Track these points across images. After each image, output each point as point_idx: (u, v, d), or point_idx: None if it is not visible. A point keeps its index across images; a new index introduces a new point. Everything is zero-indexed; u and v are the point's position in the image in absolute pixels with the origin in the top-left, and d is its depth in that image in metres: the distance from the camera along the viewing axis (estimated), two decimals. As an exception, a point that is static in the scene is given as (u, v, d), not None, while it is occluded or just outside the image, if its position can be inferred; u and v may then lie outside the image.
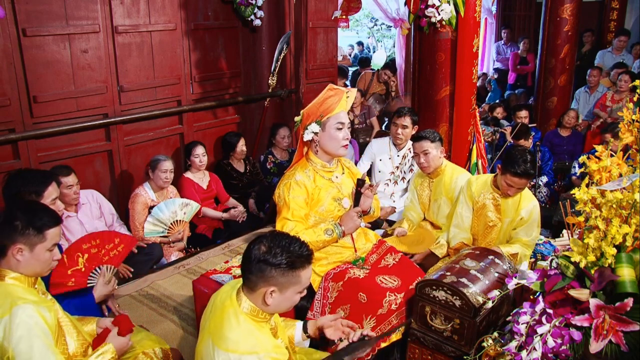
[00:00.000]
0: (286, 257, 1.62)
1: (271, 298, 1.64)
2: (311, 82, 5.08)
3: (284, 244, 1.64)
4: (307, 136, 2.37)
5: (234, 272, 2.58)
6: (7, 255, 1.77)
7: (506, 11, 9.79)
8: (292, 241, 1.67)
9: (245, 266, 1.66)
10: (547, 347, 1.68)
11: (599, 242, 1.64)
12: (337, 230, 2.39)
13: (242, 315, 1.65)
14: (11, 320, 1.66)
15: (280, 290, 1.65)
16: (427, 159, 3.14)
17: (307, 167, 2.43)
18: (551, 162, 4.99)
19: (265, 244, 1.65)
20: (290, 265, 1.62)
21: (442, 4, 3.49)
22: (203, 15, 4.38)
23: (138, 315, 2.95)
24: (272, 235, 1.69)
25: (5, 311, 1.68)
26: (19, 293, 1.76)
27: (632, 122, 1.92)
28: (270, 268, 1.61)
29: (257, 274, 1.63)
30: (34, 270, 1.82)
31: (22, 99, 3.39)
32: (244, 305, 1.67)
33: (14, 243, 1.76)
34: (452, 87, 3.75)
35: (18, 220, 1.77)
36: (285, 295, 1.66)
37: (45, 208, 1.93)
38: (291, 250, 1.64)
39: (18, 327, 1.66)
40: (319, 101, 2.34)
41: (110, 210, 3.59)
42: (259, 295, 1.65)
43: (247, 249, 1.68)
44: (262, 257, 1.62)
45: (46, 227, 1.81)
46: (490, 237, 2.93)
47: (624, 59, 6.70)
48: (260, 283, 1.63)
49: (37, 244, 1.79)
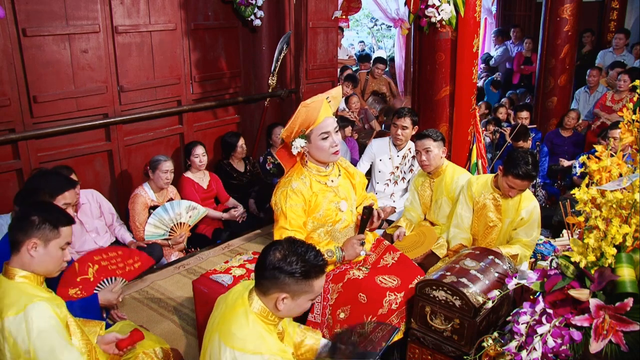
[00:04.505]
0: (301, 265, 1.62)
1: (283, 304, 1.66)
2: (311, 82, 5.08)
3: (300, 252, 1.65)
4: (295, 150, 2.33)
5: (233, 272, 2.58)
6: (21, 251, 1.81)
7: (506, 11, 9.79)
8: (307, 249, 1.67)
9: (259, 271, 1.67)
10: (547, 347, 1.68)
11: (599, 242, 1.65)
12: (338, 254, 2.38)
13: (252, 315, 1.67)
14: (27, 317, 1.69)
15: (293, 297, 1.66)
16: (429, 157, 3.14)
17: (302, 173, 2.39)
18: (547, 162, 4.98)
19: (281, 250, 1.65)
20: (304, 274, 1.63)
21: (442, 4, 3.49)
22: (203, 15, 4.39)
23: (138, 315, 2.95)
24: (288, 242, 1.69)
25: (20, 308, 1.71)
26: (31, 291, 1.79)
27: (632, 122, 1.91)
28: (284, 276, 1.62)
29: (270, 279, 1.64)
30: (45, 267, 1.86)
31: (22, 99, 3.39)
32: (255, 305, 1.68)
33: (30, 238, 1.80)
34: (452, 87, 3.75)
35: (34, 215, 1.83)
36: (297, 302, 1.68)
37: (60, 208, 2.02)
38: (306, 259, 1.64)
39: (36, 323, 1.69)
40: (294, 122, 2.27)
41: (110, 209, 3.59)
42: (271, 299, 1.67)
43: (263, 254, 1.68)
44: (277, 264, 1.62)
45: (61, 224, 1.87)
46: (491, 237, 2.93)
47: (625, 59, 6.69)
48: (273, 289, 1.65)
49: (51, 239, 1.84)
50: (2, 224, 2.90)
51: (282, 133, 2.35)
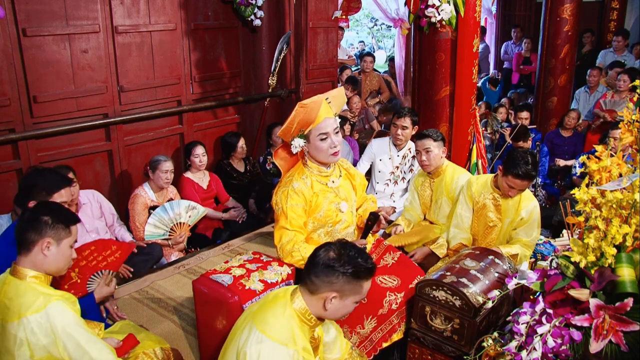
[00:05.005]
0: (353, 265, 1.68)
1: (331, 303, 1.70)
2: (311, 82, 5.08)
3: (352, 254, 1.71)
4: (294, 149, 2.33)
5: (233, 272, 2.57)
6: (33, 251, 1.84)
7: (506, 11, 9.79)
8: (359, 252, 1.73)
9: (311, 269, 1.72)
10: (547, 347, 1.68)
11: (599, 242, 1.64)
12: None
13: (290, 309, 1.71)
14: (49, 315, 1.74)
15: (341, 297, 1.71)
16: (429, 157, 3.14)
17: (304, 173, 2.38)
18: (547, 162, 4.98)
19: (335, 250, 1.71)
20: (356, 274, 1.69)
21: (442, 4, 3.49)
22: (203, 15, 4.39)
23: (138, 315, 2.95)
24: (341, 243, 1.75)
25: (40, 307, 1.75)
26: (45, 290, 1.83)
27: (632, 122, 1.91)
28: (337, 274, 1.68)
29: (322, 278, 1.69)
30: (57, 266, 1.90)
31: (22, 99, 3.39)
32: (297, 302, 1.73)
33: (43, 237, 1.84)
34: (452, 87, 3.75)
35: (46, 216, 1.87)
36: (344, 302, 1.72)
37: (66, 208, 2.07)
38: (358, 260, 1.70)
39: (59, 320, 1.75)
40: (290, 122, 2.26)
41: (111, 210, 3.59)
42: (320, 299, 1.71)
43: (315, 254, 1.74)
44: (331, 263, 1.68)
45: (71, 223, 1.93)
46: (491, 237, 2.93)
47: (626, 59, 6.69)
48: (324, 287, 1.69)
49: (64, 238, 1.89)
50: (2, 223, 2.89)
51: (279, 132, 2.35)
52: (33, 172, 2.80)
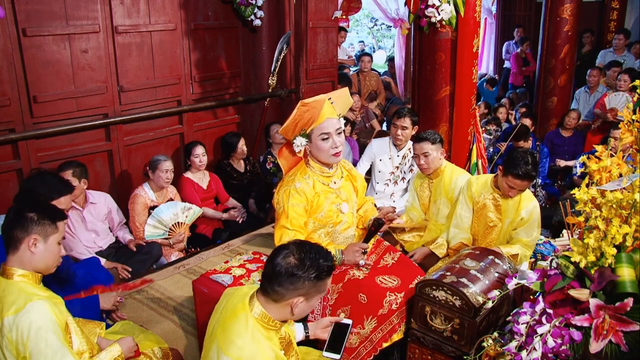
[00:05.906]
0: (316, 268, 1.64)
1: (297, 307, 1.67)
2: (311, 82, 5.08)
3: (313, 256, 1.65)
4: (297, 148, 2.33)
5: (233, 272, 2.58)
6: (20, 249, 1.81)
7: (506, 11, 9.79)
8: (318, 251, 1.69)
9: (273, 279, 1.65)
10: (547, 347, 1.68)
11: (599, 242, 1.64)
12: (338, 258, 2.38)
13: (252, 320, 1.66)
14: (26, 315, 1.70)
15: (308, 299, 1.68)
16: (427, 161, 3.14)
17: (306, 173, 2.37)
18: (547, 163, 4.98)
19: (294, 255, 1.65)
20: (320, 276, 1.66)
21: (442, 4, 3.49)
22: (203, 15, 4.39)
23: (138, 315, 2.95)
24: (297, 246, 1.69)
25: (19, 307, 1.71)
26: (31, 290, 1.79)
27: (632, 122, 1.91)
28: (302, 280, 1.63)
29: (287, 286, 1.64)
30: (46, 263, 1.87)
31: (22, 99, 3.39)
32: (256, 310, 1.68)
33: (30, 234, 1.81)
34: (452, 87, 3.75)
35: (31, 212, 1.84)
36: (310, 303, 1.71)
37: (51, 204, 2.05)
38: (320, 261, 1.66)
39: (33, 323, 1.70)
40: (292, 120, 2.25)
41: (120, 217, 3.63)
42: (285, 306, 1.67)
43: (274, 262, 1.65)
44: (293, 271, 1.63)
45: (58, 219, 1.90)
46: (491, 237, 2.93)
47: (626, 59, 6.69)
48: (289, 294, 1.65)
49: (51, 234, 1.86)
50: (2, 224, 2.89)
51: (280, 129, 2.34)
52: (35, 175, 2.77)
